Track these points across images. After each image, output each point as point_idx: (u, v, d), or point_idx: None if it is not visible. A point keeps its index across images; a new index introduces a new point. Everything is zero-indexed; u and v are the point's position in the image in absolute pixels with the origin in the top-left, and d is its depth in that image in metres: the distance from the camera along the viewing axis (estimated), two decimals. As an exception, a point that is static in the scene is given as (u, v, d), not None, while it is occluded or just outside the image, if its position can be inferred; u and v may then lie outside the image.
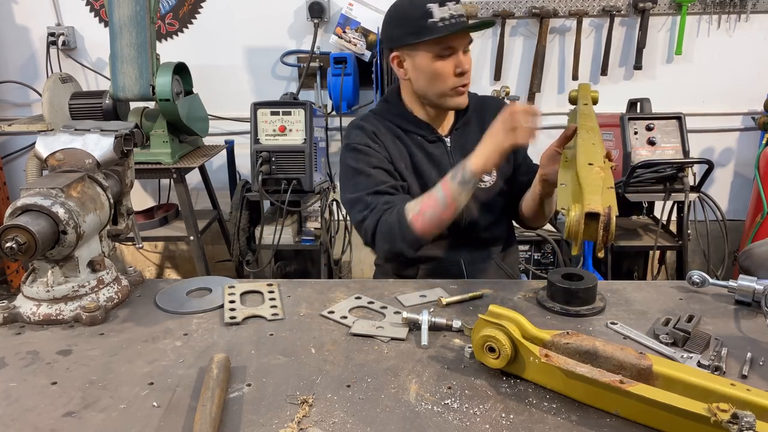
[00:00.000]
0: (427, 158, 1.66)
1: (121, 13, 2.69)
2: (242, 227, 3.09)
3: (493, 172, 1.69)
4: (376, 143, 1.63)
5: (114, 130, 1.42)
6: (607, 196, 1.09)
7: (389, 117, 1.69)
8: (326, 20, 3.32)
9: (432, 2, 1.49)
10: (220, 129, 3.54)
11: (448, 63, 1.54)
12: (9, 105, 3.62)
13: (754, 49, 3.31)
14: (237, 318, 1.29)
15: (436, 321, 1.21)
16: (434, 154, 1.67)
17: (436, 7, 1.49)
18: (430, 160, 1.66)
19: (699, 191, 2.84)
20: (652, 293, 1.39)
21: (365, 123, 1.68)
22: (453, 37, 1.51)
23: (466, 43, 1.55)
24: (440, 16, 1.49)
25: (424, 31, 1.50)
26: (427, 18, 1.49)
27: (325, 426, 0.94)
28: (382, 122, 1.68)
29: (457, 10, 1.51)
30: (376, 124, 1.67)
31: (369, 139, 1.63)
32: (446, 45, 1.52)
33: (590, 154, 1.22)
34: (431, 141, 1.67)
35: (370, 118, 1.70)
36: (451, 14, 1.49)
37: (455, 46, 1.53)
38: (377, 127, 1.66)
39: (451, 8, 1.50)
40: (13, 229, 1.15)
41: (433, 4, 1.49)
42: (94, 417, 0.97)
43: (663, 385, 0.93)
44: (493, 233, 1.73)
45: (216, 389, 0.98)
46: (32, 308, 1.29)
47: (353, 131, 1.67)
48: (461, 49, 1.54)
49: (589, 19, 3.33)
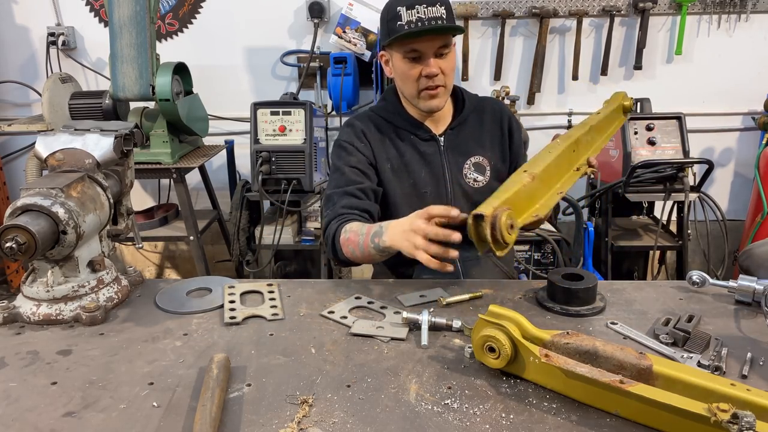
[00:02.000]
0: (419, 156, 1.67)
1: (121, 13, 2.69)
2: (242, 227, 3.09)
3: (487, 171, 1.70)
4: (361, 142, 1.66)
5: (114, 130, 1.42)
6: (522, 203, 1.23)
7: (385, 114, 1.71)
8: (326, 20, 3.32)
9: (401, 5, 1.52)
10: (220, 129, 3.54)
11: (415, 66, 1.56)
12: (9, 105, 3.62)
13: (754, 49, 3.31)
14: (237, 318, 1.29)
15: (436, 321, 1.21)
16: (426, 152, 1.68)
17: (404, 10, 1.51)
18: (422, 158, 1.67)
19: (699, 191, 2.84)
20: (652, 293, 1.39)
21: (357, 121, 1.71)
22: (419, 39, 1.53)
23: (435, 46, 1.54)
24: (407, 19, 1.51)
25: (392, 32, 1.54)
26: (396, 20, 1.52)
27: (325, 426, 0.93)
28: (375, 120, 1.70)
29: (427, 14, 1.51)
30: (367, 122, 1.70)
31: (355, 137, 1.67)
32: (410, 47, 1.54)
33: (535, 163, 1.32)
34: (424, 140, 1.68)
35: (364, 117, 1.73)
36: (419, 17, 1.51)
37: (421, 49, 1.54)
38: (367, 125, 1.69)
39: (420, 11, 1.51)
40: (13, 229, 1.15)
41: (401, 6, 1.52)
42: (94, 417, 0.97)
43: (663, 385, 0.93)
44: None
45: (216, 389, 0.98)
46: (32, 308, 1.29)
47: (344, 129, 1.72)
48: (430, 51, 1.54)
49: (589, 19, 3.33)
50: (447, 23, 1.53)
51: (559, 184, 1.38)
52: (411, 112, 1.69)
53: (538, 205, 1.29)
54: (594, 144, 1.56)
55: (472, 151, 1.70)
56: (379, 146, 1.67)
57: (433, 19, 1.51)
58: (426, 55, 1.55)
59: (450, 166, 1.68)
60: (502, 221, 1.11)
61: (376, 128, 1.69)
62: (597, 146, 1.56)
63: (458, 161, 1.68)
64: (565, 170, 1.42)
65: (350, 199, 1.57)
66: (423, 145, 1.68)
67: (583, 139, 1.49)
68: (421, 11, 1.51)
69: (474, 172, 1.69)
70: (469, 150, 1.70)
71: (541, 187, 1.30)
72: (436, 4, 1.52)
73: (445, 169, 1.67)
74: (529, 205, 1.28)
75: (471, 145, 1.70)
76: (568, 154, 1.42)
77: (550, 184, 1.35)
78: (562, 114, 3.48)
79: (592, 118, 1.57)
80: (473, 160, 1.69)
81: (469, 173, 1.68)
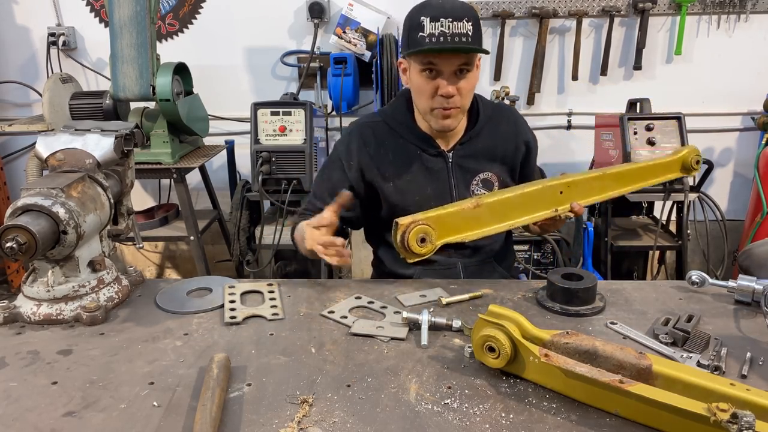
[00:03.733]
0: (425, 172, 1.62)
1: (121, 13, 2.69)
2: (242, 227, 3.09)
3: (495, 186, 1.65)
4: (351, 161, 1.63)
5: (114, 130, 1.42)
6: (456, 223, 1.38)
7: (392, 122, 1.65)
8: (326, 20, 3.32)
9: (425, 15, 1.44)
10: (220, 129, 3.54)
11: (431, 81, 1.49)
12: (9, 105, 3.62)
13: (754, 49, 3.31)
14: (237, 318, 1.29)
15: (436, 321, 1.22)
16: (433, 168, 1.62)
17: (428, 21, 1.43)
18: (429, 174, 1.62)
19: (699, 191, 2.85)
20: (652, 293, 1.39)
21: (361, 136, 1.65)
22: (437, 55, 1.45)
23: (455, 64, 1.46)
24: (429, 32, 1.43)
25: (413, 43, 1.47)
26: (418, 31, 1.44)
27: (325, 426, 0.94)
28: (381, 128, 1.65)
29: (452, 29, 1.42)
30: (370, 136, 1.64)
31: (347, 153, 1.64)
32: (428, 61, 1.47)
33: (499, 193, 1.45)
34: (432, 155, 1.63)
35: (368, 127, 1.67)
36: (442, 31, 1.42)
37: (438, 65, 1.46)
38: (368, 138, 1.64)
39: (444, 25, 1.42)
40: (13, 229, 1.15)
41: (426, 17, 1.44)
42: (95, 417, 0.97)
43: (663, 385, 0.93)
44: (492, 246, 1.71)
45: (216, 389, 0.98)
46: (32, 308, 1.29)
47: (347, 136, 1.68)
48: (448, 69, 1.47)
49: (589, 20, 3.33)
50: (472, 42, 1.44)
51: (524, 218, 1.45)
52: (421, 125, 1.63)
53: (479, 230, 1.40)
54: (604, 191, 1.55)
55: (481, 167, 1.64)
56: (376, 161, 1.62)
57: (457, 36, 1.42)
58: (444, 73, 1.47)
59: (457, 183, 1.63)
60: (411, 233, 1.30)
61: (380, 140, 1.63)
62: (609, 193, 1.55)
63: (466, 178, 1.64)
64: (537, 207, 1.46)
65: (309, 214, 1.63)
66: (430, 161, 1.63)
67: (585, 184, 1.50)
68: (446, 25, 1.42)
69: (482, 188, 1.64)
70: (479, 166, 1.64)
71: (489, 216, 1.41)
72: (463, 19, 1.43)
73: (453, 186, 1.63)
74: (467, 228, 1.39)
75: (480, 161, 1.64)
76: (551, 194, 1.47)
77: (504, 215, 1.43)
78: (562, 114, 3.48)
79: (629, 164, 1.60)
80: (482, 177, 1.64)
81: (477, 189, 1.64)
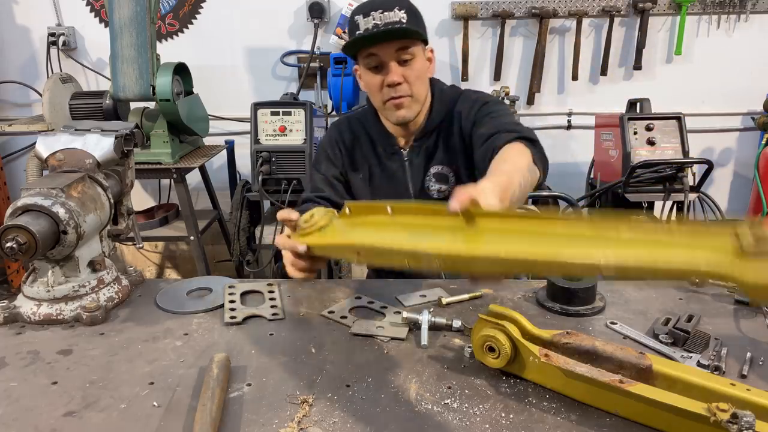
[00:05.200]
0: (382, 172, 1.64)
1: (121, 13, 2.69)
2: (242, 227, 3.09)
3: (450, 178, 1.62)
4: (335, 151, 1.66)
5: (114, 130, 1.42)
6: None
7: (364, 121, 1.68)
8: (326, 20, 3.33)
9: (358, 13, 1.44)
10: (221, 129, 3.54)
11: (377, 75, 1.50)
12: (9, 105, 3.62)
13: (754, 49, 3.32)
14: (237, 318, 1.29)
15: (436, 321, 1.22)
16: (390, 168, 1.64)
17: (361, 18, 1.44)
18: (386, 174, 1.64)
19: (699, 191, 2.85)
20: (652, 293, 1.39)
21: (338, 127, 1.70)
22: (374, 46, 1.46)
23: (392, 50, 1.46)
24: (364, 27, 1.44)
25: (354, 42, 1.48)
26: (355, 30, 1.46)
27: (325, 426, 0.94)
28: (355, 127, 1.68)
29: (383, 19, 1.42)
30: (347, 129, 1.68)
31: (331, 145, 1.67)
32: (368, 53, 1.47)
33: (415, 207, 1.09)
34: (389, 154, 1.64)
35: (345, 121, 1.71)
36: (375, 23, 1.43)
37: (379, 54, 1.47)
38: (346, 133, 1.67)
39: (376, 17, 1.42)
40: (13, 229, 1.15)
41: (359, 15, 1.44)
42: (95, 417, 0.97)
43: (663, 385, 0.93)
44: None
45: (216, 389, 0.98)
46: (33, 308, 1.29)
47: (327, 132, 1.72)
48: (389, 58, 1.47)
49: (589, 20, 3.33)
50: (407, 28, 1.44)
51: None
52: (385, 123, 1.65)
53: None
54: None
55: (432, 161, 1.63)
56: (350, 155, 1.66)
57: (390, 23, 1.43)
58: (387, 64, 1.48)
59: (413, 180, 1.64)
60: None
61: (354, 137, 1.67)
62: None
63: (420, 173, 1.64)
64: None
65: (309, 205, 1.57)
66: (388, 160, 1.64)
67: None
68: (377, 17, 1.43)
69: (436, 182, 1.63)
70: (429, 160, 1.64)
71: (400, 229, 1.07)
72: (394, 8, 1.43)
73: (408, 184, 1.64)
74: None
75: (431, 154, 1.64)
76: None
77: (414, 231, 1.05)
78: (562, 114, 3.48)
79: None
80: (433, 171, 1.63)
81: (432, 184, 1.63)
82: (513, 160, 1.26)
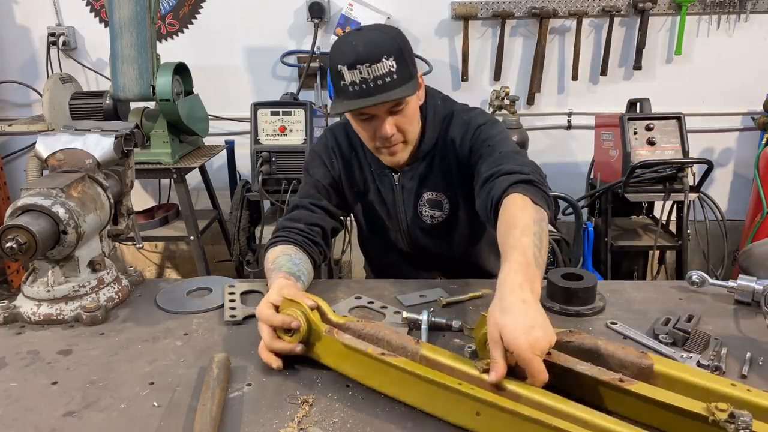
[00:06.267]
0: (376, 192, 1.60)
1: (121, 13, 2.69)
2: (242, 227, 3.09)
3: (444, 204, 1.57)
4: (330, 159, 1.59)
5: (114, 130, 1.42)
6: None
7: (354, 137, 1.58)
8: (326, 20, 3.32)
9: (342, 63, 1.33)
10: (221, 129, 3.54)
11: (368, 125, 1.42)
12: (9, 105, 3.62)
13: (754, 49, 3.31)
14: (237, 317, 1.29)
15: (436, 321, 1.22)
16: (382, 190, 1.59)
17: (346, 70, 1.32)
18: (379, 195, 1.60)
19: (698, 191, 2.85)
20: (652, 293, 1.39)
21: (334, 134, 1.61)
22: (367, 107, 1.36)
23: (386, 107, 1.37)
24: (350, 80, 1.33)
25: (339, 92, 1.38)
26: (340, 79, 1.35)
27: (325, 426, 0.94)
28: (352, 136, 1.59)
29: (372, 73, 1.31)
30: (343, 139, 1.60)
31: (326, 153, 1.60)
32: (358, 110, 1.38)
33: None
34: (381, 176, 1.58)
35: (342, 128, 1.61)
36: (362, 78, 1.31)
37: (369, 112, 1.38)
38: (341, 143, 1.59)
39: (363, 71, 1.31)
40: (13, 229, 1.15)
41: (343, 66, 1.32)
42: (95, 417, 0.97)
43: (664, 385, 0.93)
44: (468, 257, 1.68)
45: (216, 389, 0.98)
46: (33, 308, 1.29)
47: (322, 137, 1.65)
48: (381, 113, 1.38)
49: (589, 20, 3.33)
50: (397, 80, 1.33)
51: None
52: None
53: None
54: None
55: (425, 187, 1.56)
56: (346, 166, 1.60)
57: (379, 78, 1.32)
58: (378, 116, 1.39)
59: (405, 205, 1.59)
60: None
61: (350, 144, 1.60)
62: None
63: (412, 199, 1.58)
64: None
65: (301, 212, 1.54)
66: (380, 181, 1.59)
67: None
68: (364, 71, 1.31)
69: (429, 209, 1.58)
70: (423, 187, 1.56)
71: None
72: (381, 58, 1.31)
73: (399, 209, 1.60)
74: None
75: (424, 180, 1.56)
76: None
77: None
78: (562, 114, 3.48)
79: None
80: (426, 197, 1.57)
81: (425, 210, 1.58)
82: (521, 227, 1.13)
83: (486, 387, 0.91)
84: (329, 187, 1.59)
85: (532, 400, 0.88)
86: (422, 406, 0.96)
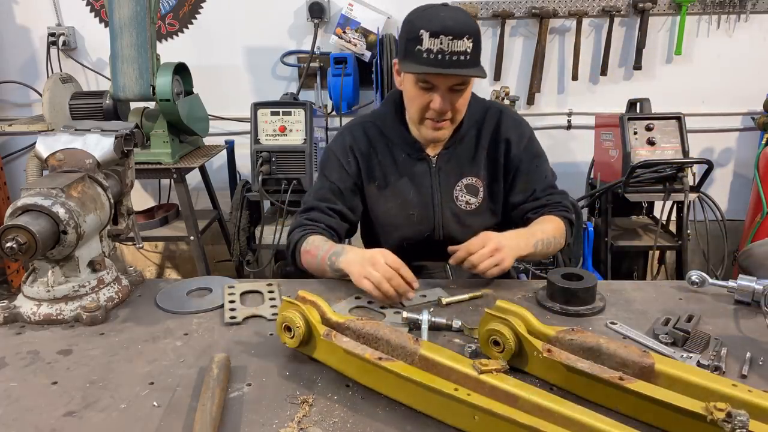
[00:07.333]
0: (408, 176, 1.61)
1: (121, 13, 2.69)
2: (242, 227, 3.09)
3: (480, 191, 1.62)
4: (348, 158, 1.61)
5: (114, 130, 1.42)
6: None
7: (382, 125, 1.63)
8: (326, 20, 3.33)
9: (425, 28, 1.37)
10: (221, 129, 3.54)
11: (425, 94, 1.45)
12: (9, 105, 3.62)
13: (754, 49, 3.31)
14: (237, 318, 1.29)
15: (436, 321, 1.22)
16: (417, 173, 1.61)
17: (427, 36, 1.37)
18: (412, 179, 1.61)
19: (698, 191, 2.85)
20: (652, 293, 1.39)
21: (351, 132, 1.65)
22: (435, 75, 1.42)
23: (451, 83, 1.43)
24: (427, 47, 1.37)
25: (410, 55, 1.42)
26: (416, 43, 1.39)
27: (325, 426, 0.94)
28: (371, 131, 1.63)
29: (451, 47, 1.37)
30: (361, 134, 1.63)
31: (344, 152, 1.62)
32: (424, 77, 1.43)
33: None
34: (416, 159, 1.61)
35: (359, 126, 1.65)
36: (441, 48, 1.37)
37: (434, 82, 1.43)
38: (360, 138, 1.62)
39: (444, 42, 1.36)
40: (13, 229, 1.15)
41: (426, 32, 1.37)
42: (95, 417, 0.97)
43: (665, 384, 0.93)
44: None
45: (216, 389, 0.98)
46: (32, 308, 1.29)
47: (337, 136, 1.67)
48: (443, 86, 1.43)
49: (589, 20, 3.33)
50: (470, 61, 1.39)
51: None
52: (410, 129, 1.62)
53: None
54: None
55: (464, 171, 1.61)
56: (366, 163, 1.62)
57: (456, 54, 1.37)
58: (439, 88, 1.44)
59: (441, 188, 1.61)
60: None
61: (369, 142, 1.62)
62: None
63: (449, 183, 1.61)
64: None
65: (318, 214, 1.58)
66: (414, 165, 1.61)
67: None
68: (445, 43, 1.36)
69: (466, 194, 1.61)
70: (462, 171, 1.61)
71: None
72: (463, 37, 1.37)
73: (434, 192, 1.61)
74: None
75: (464, 165, 1.61)
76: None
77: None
78: (562, 114, 3.48)
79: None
80: (465, 182, 1.61)
81: (461, 195, 1.61)
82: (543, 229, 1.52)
83: (483, 390, 0.91)
84: (345, 191, 1.62)
85: (530, 401, 0.88)
86: (421, 408, 0.96)
